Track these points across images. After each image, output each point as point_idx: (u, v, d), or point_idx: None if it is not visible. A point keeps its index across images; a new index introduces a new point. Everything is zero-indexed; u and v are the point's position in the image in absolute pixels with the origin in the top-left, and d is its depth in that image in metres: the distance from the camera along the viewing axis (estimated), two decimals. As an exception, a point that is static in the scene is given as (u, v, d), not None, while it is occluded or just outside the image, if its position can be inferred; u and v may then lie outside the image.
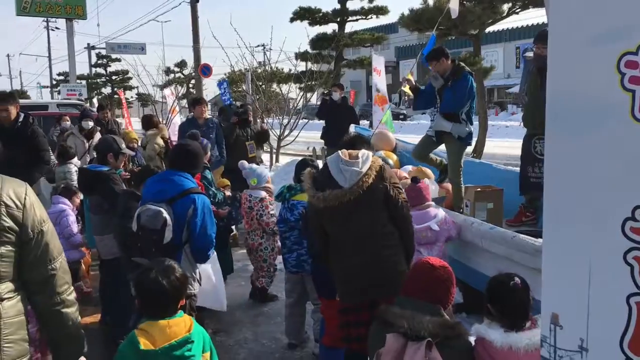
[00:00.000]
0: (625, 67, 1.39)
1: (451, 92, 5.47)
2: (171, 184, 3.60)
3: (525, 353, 2.41)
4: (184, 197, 3.52)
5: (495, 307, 2.60)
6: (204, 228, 3.53)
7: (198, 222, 3.50)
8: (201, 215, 3.51)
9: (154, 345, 2.38)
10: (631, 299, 1.40)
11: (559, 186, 1.56)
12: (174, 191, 3.55)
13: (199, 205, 3.51)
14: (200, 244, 3.55)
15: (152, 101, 21.14)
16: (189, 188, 3.58)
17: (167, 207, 3.46)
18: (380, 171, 3.27)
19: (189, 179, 3.64)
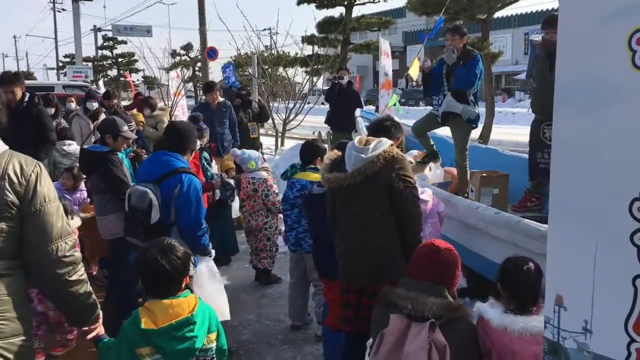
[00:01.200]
0: (637, 44, 1.36)
1: (465, 69, 5.45)
2: (159, 164, 3.65)
3: (519, 336, 2.41)
4: (171, 176, 3.54)
5: (505, 288, 2.59)
6: (187, 207, 3.51)
7: (182, 200, 3.50)
8: (186, 194, 3.50)
9: (155, 324, 2.38)
10: (637, 280, 1.40)
11: (567, 167, 1.54)
12: (161, 171, 3.58)
13: (185, 184, 3.51)
14: (184, 223, 3.53)
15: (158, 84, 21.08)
16: (176, 167, 3.58)
17: (155, 187, 3.51)
18: (390, 160, 3.21)
19: (178, 159, 3.65)
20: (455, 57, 5.50)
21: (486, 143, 12.94)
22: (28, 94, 5.71)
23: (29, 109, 5.65)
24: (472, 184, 5.86)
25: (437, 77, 5.80)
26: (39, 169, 2.10)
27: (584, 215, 1.50)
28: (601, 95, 1.44)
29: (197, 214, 3.56)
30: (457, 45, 5.53)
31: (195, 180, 3.60)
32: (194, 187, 3.55)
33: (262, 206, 5.52)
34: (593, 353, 1.50)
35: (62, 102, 10.41)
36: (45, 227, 2.07)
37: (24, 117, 5.57)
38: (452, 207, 5.02)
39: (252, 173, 5.55)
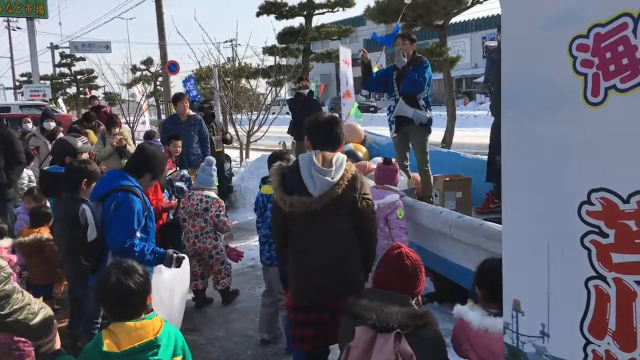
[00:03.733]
0: (577, 50, 1.39)
1: (414, 74, 5.58)
2: (104, 182, 3.63)
3: (499, 337, 2.42)
4: (112, 194, 3.49)
5: (482, 290, 2.60)
6: (114, 223, 3.44)
7: (110, 217, 3.45)
8: (114, 210, 3.44)
9: (118, 347, 2.32)
10: (590, 282, 1.41)
11: (517, 171, 1.56)
12: (105, 189, 3.54)
13: (119, 201, 3.45)
14: (108, 240, 3.47)
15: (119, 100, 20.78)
16: (119, 185, 3.52)
17: (97, 205, 3.48)
18: (352, 180, 3.19)
19: (126, 178, 3.58)
20: (405, 61, 5.63)
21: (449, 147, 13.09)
22: None
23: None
24: (436, 188, 5.91)
25: (385, 76, 5.91)
26: None
27: (536, 220, 1.51)
28: (546, 100, 1.45)
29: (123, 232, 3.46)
30: (407, 50, 5.65)
31: (132, 198, 3.50)
32: (127, 205, 3.46)
33: (212, 227, 5.31)
34: (551, 356, 1.51)
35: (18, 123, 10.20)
36: None
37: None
38: (417, 213, 5.06)
39: (204, 191, 5.34)
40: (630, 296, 1.33)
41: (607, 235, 1.36)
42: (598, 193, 1.37)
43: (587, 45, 1.36)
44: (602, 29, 1.33)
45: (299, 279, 3.29)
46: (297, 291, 3.31)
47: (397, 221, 4.84)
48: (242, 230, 8.39)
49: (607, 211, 1.35)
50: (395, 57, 5.74)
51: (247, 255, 7.04)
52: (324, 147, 3.23)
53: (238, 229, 8.50)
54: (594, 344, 1.41)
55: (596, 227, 1.38)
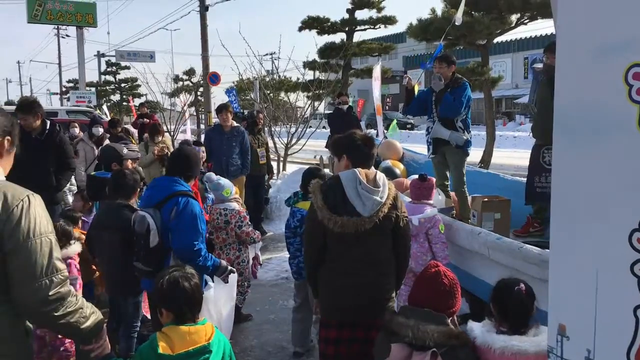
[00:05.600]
0: (634, 78, 1.39)
1: (451, 97, 5.57)
2: (159, 189, 3.70)
3: (500, 355, 2.42)
4: (170, 200, 3.57)
5: (496, 308, 2.62)
6: (181, 229, 3.52)
7: (176, 222, 3.52)
8: (180, 216, 3.52)
9: (172, 350, 2.40)
10: (638, 310, 1.40)
11: (567, 197, 1.56)
12: (161, 195, 3.62)
13: (181, 206, 3.53)
14: (177, 246, 3.54)
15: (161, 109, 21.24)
16: (176, 191, 3.60)
17: (155, 211, 3.55)
18: (394, 199, 3.21)
19: (179, 183, 3.68)
20: (442, 85, 5.63)
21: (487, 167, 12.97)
22: (48, 122, 5.80)
23: (51, 136, 5.73)
24: (474, 208, 5.87)
25: (424, 99, 5.92)
26: (27, 201, 1.99)
27: (585, 245, 1.51)
28: (599, 127, 1.46)
29: (191, 236, 3.55)
30: (444, 73, 5.64)
31: (192, 202, 3.61)
32: (190, 209, 3.56)
33: (235, 239, 5.21)
34: (596, 383, 1.50)
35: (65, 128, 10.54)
36: (27, 264, 1.96)
37: (46, 145, 5.66)
38: (455, 232, 5.04)
39: (223, 204, 5.26)
40: (680, 326, 1.32)
41: (658, 263, 1.36)
42: (650, 221, 1.37)
43: (643, 74, 1.37)
44: (659, 58, 1.34)
45: (335, 297, 3.27)
46: (331, 309, 3.30)
47: (440, 235, 4.84)
48: (276, 241, 8.46)
49: (659, 240, 1.35)
50: (432, 81, 5.75)
51: (281, 267, 7.12)
52: (364, 165, 3.25)
53: (272, 240, 8.58)
54: (641, 372, 1.40)
55: (647, 255, 1.38)
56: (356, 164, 3.23)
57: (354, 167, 3.20)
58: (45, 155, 5.60)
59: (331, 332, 3.26)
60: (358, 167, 3.20)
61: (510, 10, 12.75)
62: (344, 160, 3.29)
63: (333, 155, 3.54)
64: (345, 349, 3.22)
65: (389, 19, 20.71)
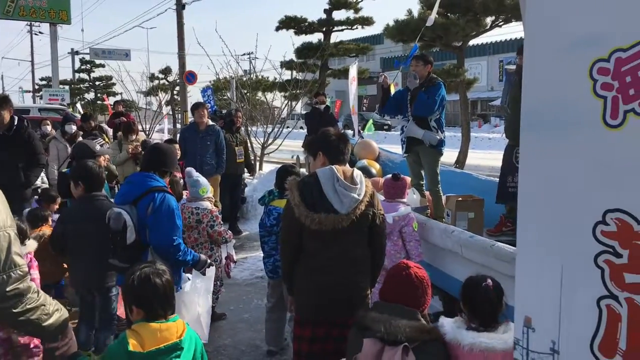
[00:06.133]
0: (598, 73, 1.42)
1: (425, 95, 5.62)
2: (134, 185, 3.68)
3: (469, 352, 2.44)
4: (145, 196, 3.55)
5: (465, 304, 2.65)
6: (159, 224, 3.51)
7: (153, 218, 3.51)
8: (157, 211, 3.51)
9: (142, 348, 2.36)
10: (601, 301, 1.43)
11: (533, 191, 1.58)
12: (137, 192, 3.60)
13: (157, 202, 3.52)
14: (156, 241, 3.53)
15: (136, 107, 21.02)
16: (152, 187, 3.59)
17: (131, 208, 3.53)
18: (371, 196, 3.22)
19: (155, 179, 3.66)
20: (417, 83, 5.68)
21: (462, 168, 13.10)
22: (17, 118, 5.69)
23: (20, 132, 5.63)
24: (448, 208, 5.92)
25: (400, 98, 5.96)
26: None
27: (551, 238, 1.54)
28: (565, 122, 1.48)
29: (170, 231, 3.55)
30: (420, 72, 5.69)
31: (169, 197, 3.61)
32: (167, 205, 3.56)
33: (207, 238, 5.11)
34: (561, 374, 1.52)
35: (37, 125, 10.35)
36: None
37: (15, 141, 5.56)
38: (428, 231, 5.07)
39: (195, 203, 5.16)
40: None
41: (620, 255, 1.38)
42: (613, 213, 1.39)
43: (607, 69, 1.40)
44: (623, 53, 1.37)
45: (311, 295, 3.26)
46: (307, 307, 3.29)
47: (414, 233, 4.87)
48: (252, 240, 8.42)
49: (621, 232, 1.38)
50: (408, 79, 5.80)
51: (256, 266, 7.09)
52: (340, 162, 3.26)
53: (248, 239, 8.55)
54: (604, 363, 1.43)
55: (610, 247, 1.40)
56: (332, 160, 3.23)
57: (331, 164, 3.21)
58: (14, 151, 5.50)
59: (306, 330, 3.26)
60: (334, 164, 3.21)
61: (485, 12, 12.91)
62: (319, 158, 3.29)
63: (309, 154, 3.54)
64: (320, 347, 3.22)
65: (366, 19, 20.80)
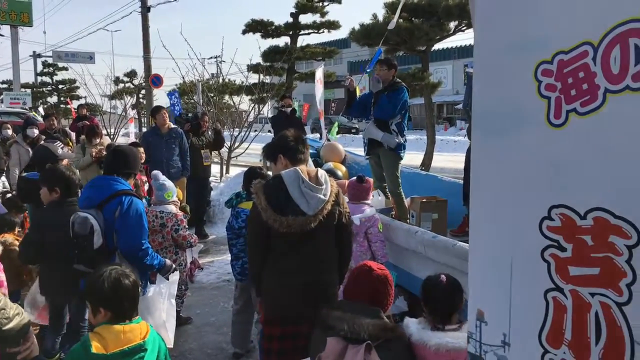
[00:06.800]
0: (542, 75, 1.48)
1: (387, 99, 5.70)
2: (99, 189, 3.64)
3: (435, 352, 2.50)
4: (112, 200, 3.52)
5: (425, 304, 2.70)
6: (127, 228, 3.50)
7: (121, 222, 3.49)
8: (125, 215, 3.49)
9: (106, 350, 2.34)
10: (548, 294, 1.48)
11: (483, 188, 1.64)
12: (102, 195, 3.57)
13: (125, 206, 3.51)
14: (124, 245, 3.52)
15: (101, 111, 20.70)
16: (118, 190, 3.56)
17: (96, 212, 3.49)
18: (337, 196, 3.26)
19: (120, 182, 3.64)
20: (380, 86, 5.76)
21: (428, 170, 13.27)
22: None
23: None
24: (413, 209, 6.01)
25: (364, 102, 6.05)
26: None
27: (501, 234, 1.59)
28: (512, 121, 1.54)
29: (138, 235, 3.55)
30: (384, 75, 5.77)
31: (136, 201, 3.59)
32: (135, 208, 3.55)
33: (172, 242, 5.07)
34: (511, 365, 1.57)
35: (-2, 129, 10.12)
36: None
37: None
38: (393, 232, 5.14)
39: (159, 206, 5.12)
40: (585, 307, 1.41)
41: (565, 249, 1.44)
42: (558, 209, 1.45)
43: (551, 70, 1.46)
44: (565, 55, 1.43)
45: (280, 295, 3.27)
46: (276, 306, 3.31)
47: (379, 234, 4.94)
48: (218, 244, 8.39)
49: (565, 226, 1.44)
50: (372, 82, 5.89)
51: (223, 270, 7.06)
52: (301, 162, 3.28)
53: (215, 243, 8.51)
54: (551, 353, 1.48)
55: (555, 242, 1.46)
56: (293, 161, 3.26)
57: (292, 166, 3.23)
58: None
59: (275, 329, 3.28)
60: (295, 165, 3.23)
61: (448, 17, 13.13)
62: (280, 161, 3.31)
63: (269, 160, 3.52)
64: (290, 344, 3.25)
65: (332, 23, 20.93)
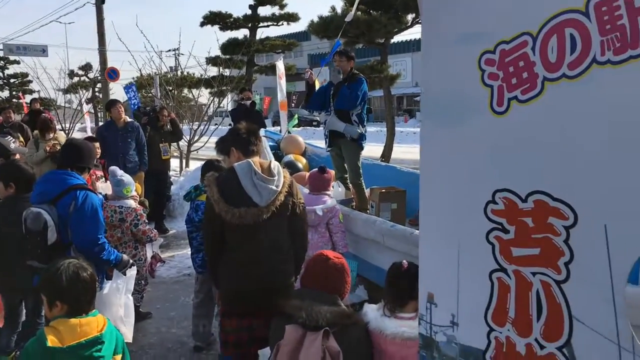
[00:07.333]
0: (485, 64, 1.54)
1: (348, 90, 5.76)
2: (52, 184, 3.57)
3: (392, 340, 2.56)
4: (66, 195, 3.47)
5: (386, 291, 2.76)
6: (82, 223, 3.45)
7: (76, 217, 3.45)
8: (80, 210, 3.45)
9: (62, 343, 2.32)
10: (493, 274, 1.55)
11: (432, 175, 1.69)
12: (56, 190, 3.51)
13: (80, 201, 3.46)
14: (79, 240, 3.48)
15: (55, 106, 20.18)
16: (72, 185, 3.51)
17: (50, 207, 3.44)
18: (290, 186, 3.29)
19: (74, 176, 3.58)
20: (340, 78, 5.82)
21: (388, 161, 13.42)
22: None
23: None
24: (372, 199, 6.09)
25: (323, 94, 6.09)
26: None
27: (449, 218, 1.65)
28: (458, 110, 1.60)
29: (94, 230, 3.50)
30: (343, 67, 5.84)
31: (91, 195, 3.54)
32: (90, 203, 3.50)
33: (131, 237, 5.01)
34: (460, 344, 1.64)
35: (-56, 125, 9.77)
36: None
37: None
38: (352, 222, 5.20)
39: (118, 201, 5.04)
40: (526, 286, 1.48)
41: (508, 231, 1.51)
42: (501, 193, 1.51)
43: (493, 60, 1.52)
44: (506, 45, 1.49)
45: (236, 285, 3.29)
46: (233, 297, 3.32)
47: (340, 225, 4.99)
48: (179, 239, 8.31)
49: (508, 209, 1.50)
50: (331, 74, 5.94)
51: (184, 264, 7.01)
52: (253, 154, 3.31)
53: (175, 238, 8.43)
54: (496, 330, 1.55)
55: (499, 224, 1.52)
56: (246, 154, 3.28)
57: (246, 159, 3.24)
58: None
59: (233, 320, 3.29)
60: (248, 157, 3.25)
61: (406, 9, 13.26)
62: (233, 154, 3.34)
63: (222, 153, 3.55)
64: (247, 335, 3.26)
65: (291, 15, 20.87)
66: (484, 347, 1.57)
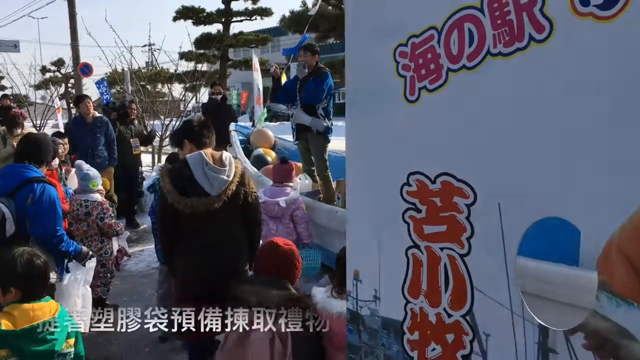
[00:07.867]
0: (399, 56, 1.65)
1: (313, 84, 5.88)
2: (10, 177, 3.63)
3: (337, 319, 2.68)
4: (24, 187, 3.53)
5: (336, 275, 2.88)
6: (40, 215, 3.52)
7: (34, 209, 3.51)
8: (37, 202, 3.51)
9: (15, 327, 2.41)
10: (409, 251, 1.68)
11: (356, 160, 1.81)
12: (14, 183, 3.56)
13: (37, 193, 3.52)
14: (37, 232, 3.54)
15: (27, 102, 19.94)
16: (30, 177, 3.57)
17: (8, 200, 3.50)
18: (241, 176, 3.39)
19: (32, 169, 3.64)
20: (305, 72, 5.93)
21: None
22: None
23: None
24: (339, 191, 6.20)
25: (290, 87, 6.20)
26: None
27: (371, 200, 1.77)
28: (376, 99, 1.71)
29: (52, 222, 3.57)
30: (308, 62, 5.95)
31: (49, 188, 3.60)
32: (47, 195, 3.56)
33: (97, 230, 5.05)
34: (381, 317, 1.76)
35: None
36: None
37: None
38: (316, 213, 5.32)
39: (84, 195, 5.09)
40: (436, 261, 1.60)
41: (420, 210, 1.63)
42: (414, 175, 1.64)
43: (406, 52, 1.63)
44: (416, 39, 1.60)
45: (192, 274, 3.38)
46: (188, 285, 3.42)
47: (304, 216, 5.11)
48: (149, 233, 8.33)
49: (420, 190, 1.62)
50: (297, 69, 6.04)
51: (153, 258, 7.06)
52: (206, 146, 3.41)
53: (146, 232, 8.46)
54: (412, 303, 1.68)
55: (413, 204, 1.65)
56: (198, 146, 3.38)
57: (198, 150, 3.34)
58: None
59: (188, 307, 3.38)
60: (201, 149, 3.35)
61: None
62: (186, 146, 3.44)
63: (176, 146, 3.67)
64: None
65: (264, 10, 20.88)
66: (402, 318, 1.70)
